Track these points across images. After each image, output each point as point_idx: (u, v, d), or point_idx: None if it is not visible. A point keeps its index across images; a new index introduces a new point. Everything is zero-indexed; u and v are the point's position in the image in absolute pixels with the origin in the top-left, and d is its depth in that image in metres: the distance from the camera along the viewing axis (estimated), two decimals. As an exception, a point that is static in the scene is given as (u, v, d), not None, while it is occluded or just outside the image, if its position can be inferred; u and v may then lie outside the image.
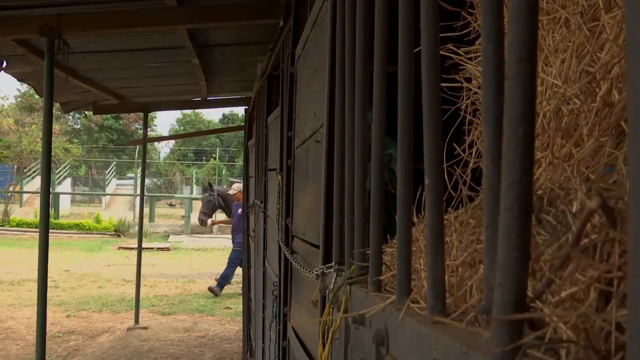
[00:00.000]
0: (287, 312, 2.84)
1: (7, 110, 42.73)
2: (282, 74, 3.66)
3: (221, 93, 9.11)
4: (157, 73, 7.32)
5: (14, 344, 8.76)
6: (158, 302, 11.46)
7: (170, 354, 7.83)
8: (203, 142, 58.57)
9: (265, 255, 4.86)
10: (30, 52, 5.56)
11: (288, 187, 2.87)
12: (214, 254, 20.24)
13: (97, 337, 9.21)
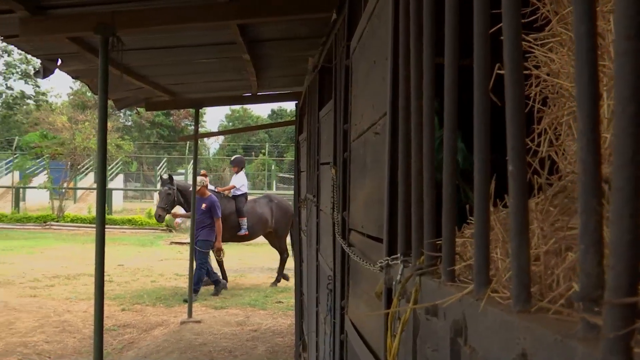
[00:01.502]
0: (344, 306, 2.83)
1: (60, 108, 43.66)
2: (335, 67, 3.65)
3: (271, 88, 9.14)
4: (208, 69, 7.37)
5: (71, 336, 8.94)
6: (210, 296, 11.58)
7: (223, 348, 7.91)
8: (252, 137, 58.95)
9: (318, 249, 4.86)
10: (85, 49, 5.65)
11: (344, 180, 2.86)
12: (264, 248, 20.32)
13: (152, 331, 9.34)
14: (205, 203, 11.45)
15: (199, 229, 11.20)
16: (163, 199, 12.26)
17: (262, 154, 47.97)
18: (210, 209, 11.50)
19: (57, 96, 54.93)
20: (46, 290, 12.02)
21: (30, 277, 13.54)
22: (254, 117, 62.63)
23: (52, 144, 28.88)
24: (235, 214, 12.60)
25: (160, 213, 12.26)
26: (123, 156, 34.17)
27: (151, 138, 53.24)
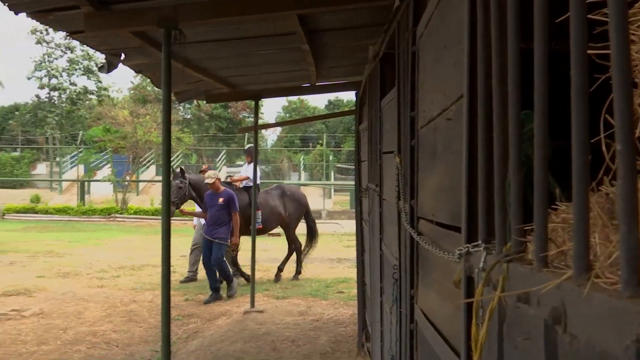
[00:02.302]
0: (413, 295, 2.81)
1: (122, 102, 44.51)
2: (398, 54, 3.61)
3: (330, 78, 9.12)
4: (267, 60, 7.38)
5: (137, 326, 9.12)
6: (272, 287, 11.67)
7: (286, 337, 7.96)
8: (309, 128, 59.13)
9: (382, 238, 4.84)
10: (147, 43, 5.71)
11: (412, 168, 2.83)
12: (324, 239, 20.38)
13: (215, 320, 9.47)
14: (222, 197, 10.67)
15: (217, 225, 10.56)
16: (174, 193, 11.20)
17: (319, 144, 48.08)
18: (228, 203, 10.68)
19: (119, 91, 55.95)
20: (112, 281, 12.29)
21: (97, 268, 13.87)
22: (311, 108, 62.80)
23: (114, 138, 29.50)
24: (249, 206, 11.71)
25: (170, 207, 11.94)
26: (183, 148, 34.67)
27: (210, 130, 53.90)
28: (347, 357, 7.17)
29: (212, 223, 10.54)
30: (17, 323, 8.97)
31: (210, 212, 10.61)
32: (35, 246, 17.67)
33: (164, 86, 4.88)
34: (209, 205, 10.65)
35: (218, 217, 10.53)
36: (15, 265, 14.48)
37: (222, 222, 10.55)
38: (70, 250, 16.85)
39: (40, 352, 7.58)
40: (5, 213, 27.58)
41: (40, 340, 8.11)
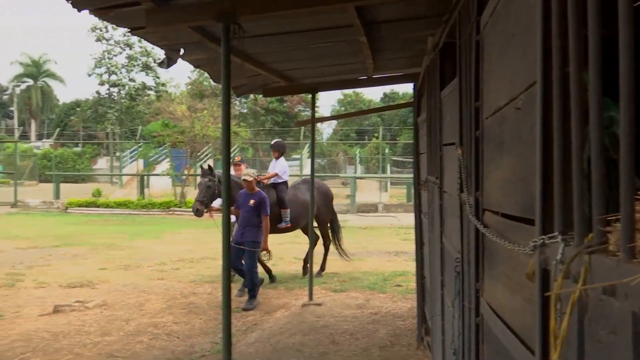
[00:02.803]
0: (479, 288, 2.77)
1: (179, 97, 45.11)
2: (460, 44, 3.56)
3: (387, 70, 9.07)
4: (324, 53, 7.37)
5: (197, 317, 9.24)
6: (329, 280, 11.69)
7: (345, 330, 7.96)
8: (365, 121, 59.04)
9: (443, 231, 4.79)
10: (206, 38, 5.76)
11: (477, 159, 2.79)
12: (381, 232, 20.39)
13: (274, 313, 9.53)
14: (254, 199, 10.15)
15: (246, 227, 10.08)
16: (202, 192, 10.96)
17: (375, 137, 47.93)
18: (259, 205, 10.15)
19: (176, 86, 56.82)
20: (172, 273, 12.48)
21: (157, 261, 14.11)
22: (366, 101, 62.70)
23: (172, 133, 29.91)
24: (277, 204, 11.45)
25: (199, 207, 10.91)
26: (240, 142, 34.97)
27: (266, 124, 54.26)
28: (406, 350, 7.14)
29: (242, 225, 10.15)
30: (81, 314, 9.19)
31: (242, 213, 10.18)
32: (97, 239, 18.08)
33: (224, 81, 4.91)
34: (241, 205, 10.22)
35: (248, 219, 10.09)
36: (78, 257, 14.83)
37: (251, 224, 10.07)
38: (131, 243, 17.18)
39: (103, 342, 7.74)
40: (68, 207, 28.28)
41: (104, 331, 8.29)
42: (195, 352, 7.73)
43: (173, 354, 7.57)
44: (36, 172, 45.52)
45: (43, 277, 12.40)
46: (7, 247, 16.63)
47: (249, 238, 9.98)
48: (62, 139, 57.36)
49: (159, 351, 7.59)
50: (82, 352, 7.27)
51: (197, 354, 7.70)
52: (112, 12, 4.81)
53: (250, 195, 10.16)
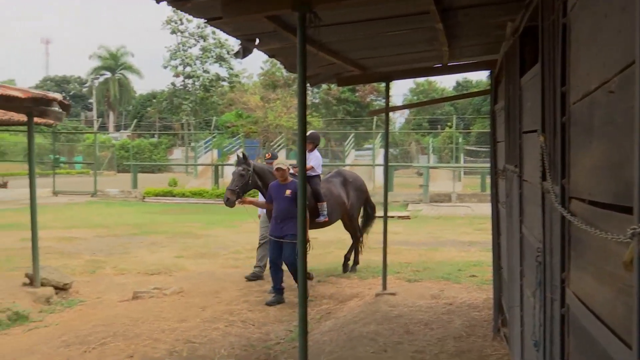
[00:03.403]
0: (564, 278, 2.69)
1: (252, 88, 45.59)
2: (543, 28, 3.46)
3: (462, 58, 8.92)
4: (398, 41, 7.30)
5: (272, 306, 9.32)
6: (403, 269, 11.62)
7: (419, 320, 7.90)
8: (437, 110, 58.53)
9: (522, 220, 4.69)
10: (281, 27, 5.78)
11: (563, 145, 2.71)
12: (454, 222, 20.17)
13: (347, 302, 9.54)
14: (290, 189, 9.56)
15: (284, 220, 9.52)
16: (235, 181, 10.25)
17: (448, 126, 47.43)
18: (296, 195, 8.96)
19: (249, 77, 57.28)
20: (247, 262, 12.62)
21: (232, 249, 14.32)
22: (439, 89, 62.14)
23: (246, 123, 30.29)
24: (312, 198, 10.80)
25: (229, 196, 10.17)
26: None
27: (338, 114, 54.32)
28: (482, 341, 7.03)
29: (279, 218, 9.56)
30: (159, 301, 9.39)
31: (277, 206, 9.60)
32: (174, 228, 18.46)
33: (299, 70, 4.90)
34: (275, 197, 9.65)
35: (286, 211, 9.49)
36: (155, 245, 15.18)
37: (289, 216, 9.39)
38: (206, 231, 17.47)
39: (181, 328, 7.89)
40: (145, 196, 28.97)
41: (181, 317, 8.45)
42: (271, 340, 7.81)
43: (248, 341, 7.67)
44: (114, 162, 46.81)
45: (122, 264, 12.74)
46: (88, 235, 17.16)
47: (289, 231, 9.42)
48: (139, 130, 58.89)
49: (234, 338, 7.70)
50: (160, 338, 7.43)
51: (272, 341, 7.78)
52: (189, 3, 4.87)
53: (284, 186, 9.64)
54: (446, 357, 6.46)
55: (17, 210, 23.19)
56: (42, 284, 9.79)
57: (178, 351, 6.95)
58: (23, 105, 9.61)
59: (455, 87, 65.31)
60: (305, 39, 4.85)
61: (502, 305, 7.06)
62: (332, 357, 6.62)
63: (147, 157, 50.89)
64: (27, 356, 6.77)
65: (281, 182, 9.67)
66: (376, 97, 55.71)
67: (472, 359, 6.41)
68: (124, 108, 76.69)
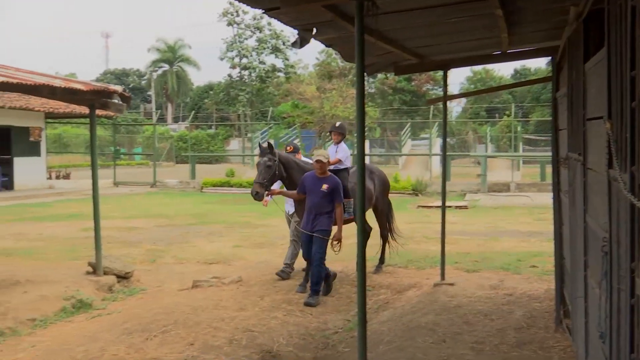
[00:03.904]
0: (634, 268, 2.62)
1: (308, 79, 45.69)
2: (608, 12, 3.36)
3: (522, 45, 8.75)
4: (457, 28, 7.20)
5: (330, 295, 9.42)
6: (461, 260, 11.50)
7: (479, 311, 7.82)
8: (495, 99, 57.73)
9: (586, 209, 4.58)
10: (339, 17, 5.76)
11: (632, 132, 2.63)
12: (513, 212, 19.89)
13: (405, 292, 9.50)
14: (327, 184, 9.04)
15: (317, 215, 9.06)
16: (262, 172, 9.52)
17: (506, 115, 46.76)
18: (333, 191, 9.06)
19: (305, 68, 57.44)
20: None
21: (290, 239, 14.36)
22: (497, 78, 61.26)
23: (302, 113, 30.36)
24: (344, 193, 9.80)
25: (258, 190, 9.42)
26: (368, 122, 35.11)
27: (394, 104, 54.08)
28: (543, 333, 6.92)
29: (312, 212, 9.10)
30: (218, 290, 9.50)
31: (311, 199, 9.10)
32: (231, 218, 18.65)
33: (358, 59, 4.87)
34: (310, 189, 9.11)
35: (320, 205, 9.04)
36: (214, 235, 15.36)
37: (322, 211, 9.04)
38: (263, 221, 17.58)
39: (240, 317, 7.97)
40: (203, 187, 29.34)
41: (240, 306, 8.52)
42: (329, 329, 7.84)
43: (307, 330, 7.70)
44: (173, 153, 47.56)
45: (182, 253, 12.94)
46: (148, 224, 17.48)
47: (321, 226, 9.04)
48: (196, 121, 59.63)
49: (293, 327, 7.74)
50: (220, 326, 7.51)
51: (330, 330, 7.80)
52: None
53: (322, 180, 9.08)
54: (507, 349, 6.38)
55: (79, 201, 23.81)
56: (105, 273, 10.02)
57: (237, 340, 7.01)
58: (85, 97, 9.83)
59: (513, 75, 64.33)
60: (363, 27, 4.82)
61: (564, 296, 6.94)
62: (390, 347, 6.61)
63: (204, 148, 51.55)
64: (91, 343, 6.92)
65: (319, 174, 9.14)
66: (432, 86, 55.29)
67: (533, 350, 6.32)
68: (182, 100, 77.73)
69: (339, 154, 10.42)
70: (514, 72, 65.28)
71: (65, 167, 38.68)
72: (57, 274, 10.18)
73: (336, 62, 45.08)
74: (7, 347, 7.27)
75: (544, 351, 6.27)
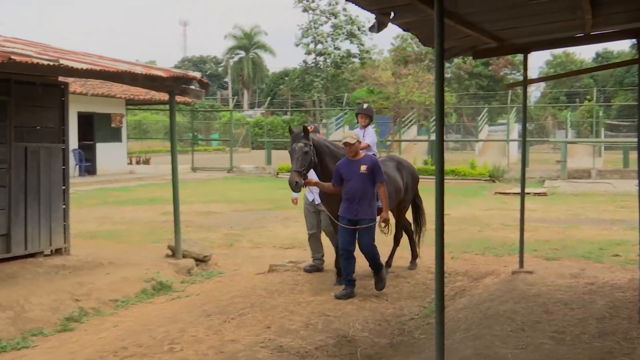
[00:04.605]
0: None
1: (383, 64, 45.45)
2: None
3: (606, 27, 8.46)
4: (538, 10, 7.01)
5: (405, 281, 9.31)
6: (540, 247, 11.27)
7: (559, 300, 7.64)
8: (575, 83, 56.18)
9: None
10: (419, 0, 5.70)
11: None
12: (594, 199, 19.36)
13: (482, 279, 9.37)
14: (365, 164, 8.14)
15: (359, 201, 8.11)
16: (299, 160, 8.31)
17: (587, 100, 45.46)
18: (373, 171, 8.12)
19: (380, 53, 57.19)
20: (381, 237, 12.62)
21: (364, 225, 14.34)
22: (577, 61, 59.60)
23: (377, 99, 30.21)
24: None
25: (298, 179, 8.26)
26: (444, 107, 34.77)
27: (470, 89, 53.29)
28: (627, 324, 6.71)
29: (353, 199, 8.11)
30: (294, 274, 9.56)
31: (350, 185, 8.14)
32: (307, 203, 18.74)
33: (437, 43, 4.79)
34: (347, 175, 8.15)
35: (362, 190, 8.10)
36: (289, 220, 15.48)
37: (365, 196, 8.12)
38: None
39: (316, 302, 8.00)
40: (279, 172, 29.61)
41: (315, 291, 8.56)
42: (404, 315, 7.80)
43: (382, 316, 7.69)
44: (249, 139, 48.09)
45: (258, 238, 13.10)
46: (225, 209, 17.77)
47: (366, 215, 8.11)
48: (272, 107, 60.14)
49: (368, 312, 7.73)
50: (296, 310, 7.57)
51: (406, 316, 7.76)
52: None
53: (357, 162, 8.20)
54: (588, 339, 6.22)
55: (159, 186, 24.37)
56: (184, 256, 10.25)
57: (313, 324, 7.05)
58: (165, 84, 10.03)
59: (594, 59, 62.45)
60: (442, 10, 4.74)
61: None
62: (467, 335, 6.53)
63: (280, 134, 51.96)
64: (171, 324, 7.07)
65: (351, 157, 8.26)
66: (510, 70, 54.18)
67: (616, 341, 6.13)
68: (258, 86, 78.53)
69: (367, 139, 9.46)
70: (595, 56, 63.37)
71: (145, 152, 39.64)
72: (138, 256, 10.47)
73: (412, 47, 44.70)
74: (91, 327, 7.54)
75: (628, 342, 6.08)
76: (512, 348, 6.00)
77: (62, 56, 8.72)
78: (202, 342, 6.39)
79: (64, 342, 6.95)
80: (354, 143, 8.17)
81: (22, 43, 9.61)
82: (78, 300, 8.17)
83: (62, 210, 10.46)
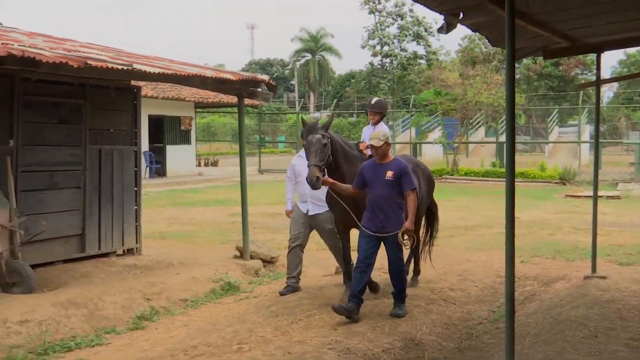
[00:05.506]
0: None
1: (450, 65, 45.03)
2: None
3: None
4: (610, 8, 6.84)
5: (473, 285, 9.17)
6: (614, 252, 10.98)
7: (634, 306, 7.42)
8: (651, 83, 54.51)
9: None
10: (488, 0, 5.64)
11: None
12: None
13: (552, 284, 9.17)
14: (392, 170, 7.18)
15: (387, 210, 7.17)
16: (318, 153, 7.25)
17: (662, 100, 44.07)
18: (401, 177, 7.15)
19: (447, 54, 56.72)
20: (447, 240, 12.53)
21: (434, 227, 14.25)
22: (656, 60, 57.83)
23: (444, 100, 29.95)
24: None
25: (318, 174, 7.12)
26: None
27: (539, 90, 52.32)
28: None
29: (378, 207, 7.18)
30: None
31: (374, 192, 7.20)
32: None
33: (508, 44, 4.74)
34: (371, 180, 7.21)
35: (387, 198, 7.16)
36: (356, 222, 15.42)
37: (392, 205, 7.18)
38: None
39: (383, 304, 7.92)
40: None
41: (381, 293, 8.43)
42: (473, 319, 7.70)
43: (450, 320, 7.61)
44: (316, 141, 48.04)
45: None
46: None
47: (392, 226, 7.14)
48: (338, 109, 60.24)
49: (436, 316, 7.66)
50: (363, 312, 7.48)
51: (474, 321, 7.66)
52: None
53: (383, 166, 7.24)
54: (665, 347, 6.03)
55: (227, 187, 24.69)
56: (251, 257, 10.38)
57: (380, 326, 7.02)
58: (234, 87, 10.18)
59: (671, 58, 60.50)
60: (513, 10, 4.68)
61: None
62: (537, 340, 6.41)
63: (346, 136, 51.85)
64: (239, 324, 7.15)
65: (378, 161, 7.31)
66: (582, 70, 52.97)
67: (694, 349, 5.94)
68: (324, 89, 78.73)
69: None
70: (671, 55, 61.37)
71: (213, 154, 40.24)
72: (206, 257, 10.64)
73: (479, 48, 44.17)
74: (162, 325, 7.70)
75: None
76: (585, 355, 5.86)
77: (135, 60, 8.94)
78: (269, 343, 6.44)
79: (136, 340, 7.11)
80: (381, 145, 7.21)
81: (97, 48, 9.90)
82: (149, 299, 8.37)
83: (134, 211, 10.73)
